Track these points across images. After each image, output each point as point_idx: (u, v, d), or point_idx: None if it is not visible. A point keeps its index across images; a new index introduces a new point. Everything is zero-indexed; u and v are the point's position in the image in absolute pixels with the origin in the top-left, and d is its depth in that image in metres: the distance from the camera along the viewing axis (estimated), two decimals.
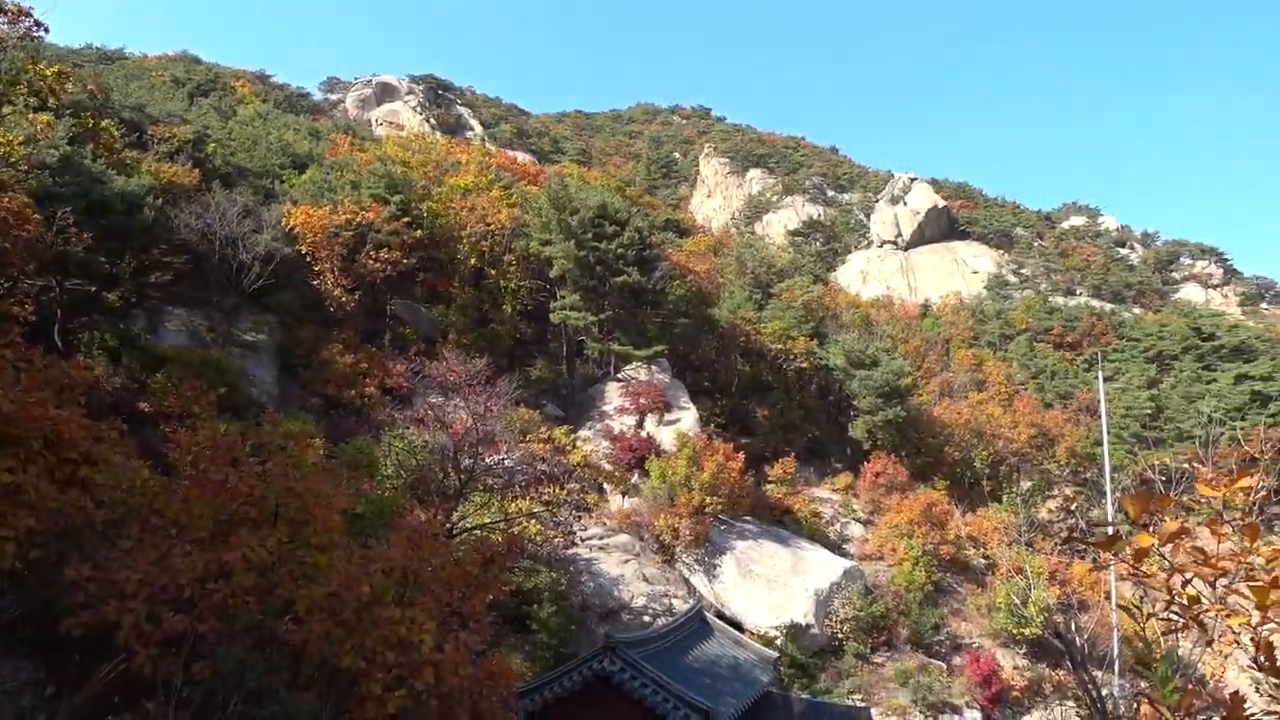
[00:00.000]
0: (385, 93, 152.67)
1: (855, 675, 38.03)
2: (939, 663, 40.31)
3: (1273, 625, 3.36)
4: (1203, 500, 3.77)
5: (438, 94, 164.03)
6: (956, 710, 37.03)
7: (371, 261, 47.73)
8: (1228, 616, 3.41)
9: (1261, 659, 3.44)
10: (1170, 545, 3.45)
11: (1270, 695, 3.62)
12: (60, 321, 32.64)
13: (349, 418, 39.60)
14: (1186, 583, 3.45)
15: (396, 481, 30.09)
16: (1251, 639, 3.38)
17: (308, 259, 45.96)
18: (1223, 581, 3.44)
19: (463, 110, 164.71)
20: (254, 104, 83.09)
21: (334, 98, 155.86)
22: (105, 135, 36.06)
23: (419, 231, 51.29)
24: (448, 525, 25.52)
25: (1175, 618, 3.52)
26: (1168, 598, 3.48)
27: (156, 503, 13.56)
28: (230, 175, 50.90)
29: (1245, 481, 3.46)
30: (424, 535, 15.28)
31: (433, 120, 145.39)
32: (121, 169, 39.64)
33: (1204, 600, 3.46)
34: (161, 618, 11.65)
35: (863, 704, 35.07)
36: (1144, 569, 3.63)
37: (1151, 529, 3.59)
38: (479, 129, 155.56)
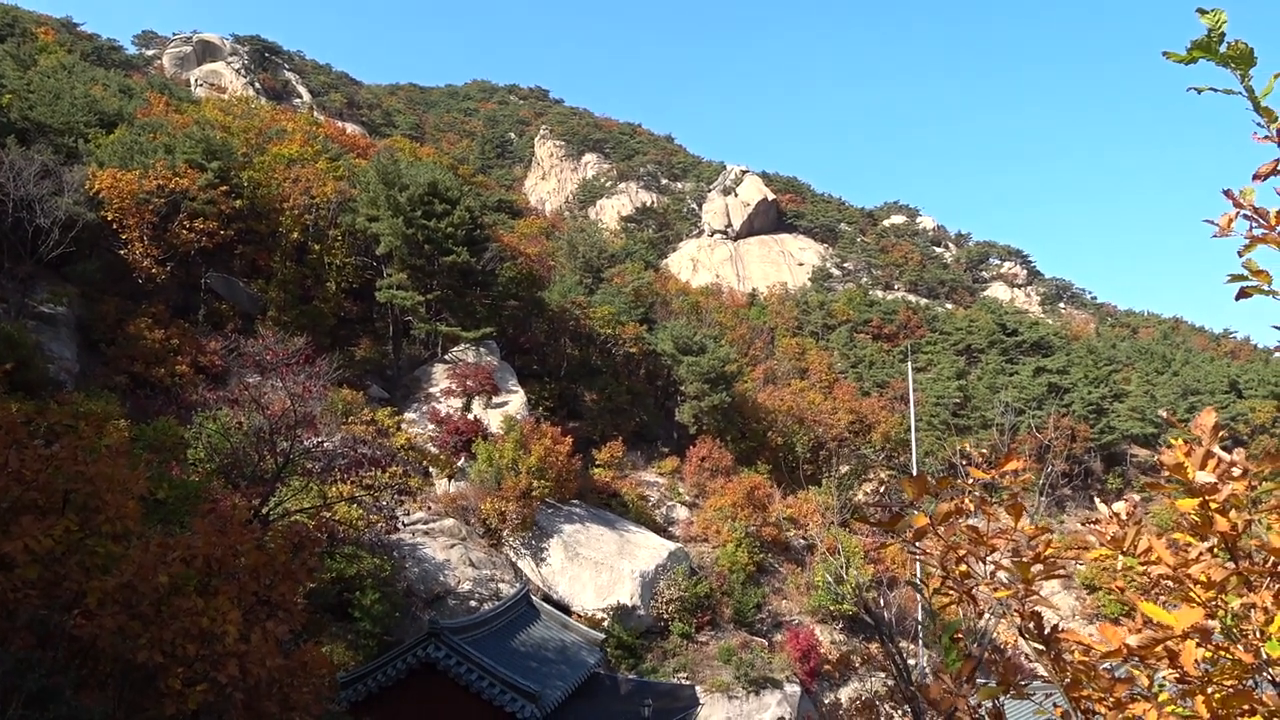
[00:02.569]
0: (207, 52, 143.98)
1: (680, 654, 38.88)
2: (761, 640, 41.76)
3: (1036, 597, 3.58)
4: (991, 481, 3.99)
5: (264, 57, 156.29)
6: (777, 685, 38.39)
7: (185, 231, 44.92)
8: (995, 591, 3.62)
9: (1029, 627, 3.69)
10: (944, 524, 3.63)
11: (1036, 661, 3.88)
12: None
13: (157, 397, 37.32)
14: (961, 560, 3.64)
15: (208, 465, 28.57)
16: (1017, 610, 3.61)
17: (114, 226, 42.86)
18: (993, 557, 3.65)
19: (290, 76, 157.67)
20: (58, 54, 76.15)
21: (150, 53, 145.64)
22: None
23: (239, 201, 48.65)
24: (264, 510, 24.44)
25: (950, 593, 3.71)
26: (943, 574, 3.67)
27: None
28: (28, 131, 46.76)
29: (1012, 465, 3.68)
30: (231, 521, 14.53)
31: (258, 84, 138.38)
32: None
33: (975, 575, 3.66)
34: None
35: (688, 682, 35.92)
36: (927, 547, 3.81)
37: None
38: (307, 96, 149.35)
